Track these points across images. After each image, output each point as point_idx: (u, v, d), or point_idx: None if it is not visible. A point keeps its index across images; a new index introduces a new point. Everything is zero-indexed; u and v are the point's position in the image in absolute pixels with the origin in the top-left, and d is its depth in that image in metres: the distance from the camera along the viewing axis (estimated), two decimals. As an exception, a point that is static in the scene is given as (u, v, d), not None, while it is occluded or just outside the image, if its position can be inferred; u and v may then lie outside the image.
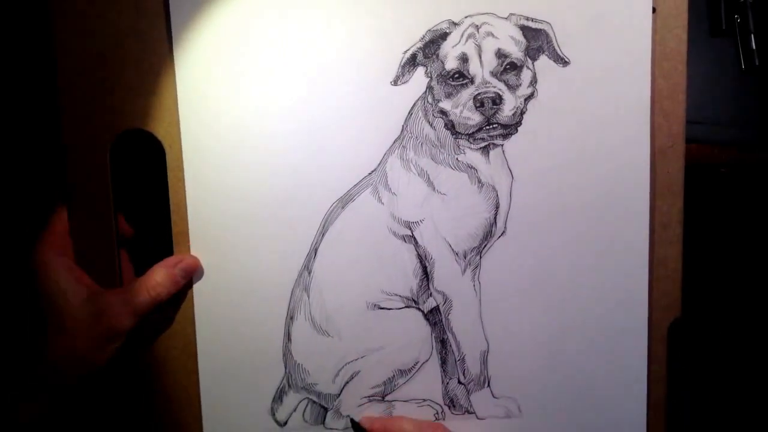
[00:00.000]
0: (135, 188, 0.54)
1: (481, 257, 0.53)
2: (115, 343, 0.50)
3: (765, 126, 0.61)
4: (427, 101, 0.52)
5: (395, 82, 0.51)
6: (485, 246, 0.53)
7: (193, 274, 0.53)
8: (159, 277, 0.51)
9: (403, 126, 0.52)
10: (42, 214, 0.51)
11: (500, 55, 0.51)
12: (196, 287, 0.53)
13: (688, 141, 0.53)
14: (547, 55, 0.51)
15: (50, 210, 0.52)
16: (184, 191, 0.52)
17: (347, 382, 0.55)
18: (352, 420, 0.54)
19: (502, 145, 0.52)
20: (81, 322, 0.49)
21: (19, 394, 0.49)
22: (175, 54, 0.51)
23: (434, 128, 0.52)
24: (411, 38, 0.51)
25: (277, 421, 0.55)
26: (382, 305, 0.54)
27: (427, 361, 0.55)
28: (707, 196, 0.61)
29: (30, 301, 0.49)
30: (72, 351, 0.49)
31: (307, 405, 0.55)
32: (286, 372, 0.54)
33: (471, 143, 0.52)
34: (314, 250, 0.53)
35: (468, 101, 0.51)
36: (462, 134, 0.52)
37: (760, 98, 0.61)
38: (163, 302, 0.51)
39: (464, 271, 0.53)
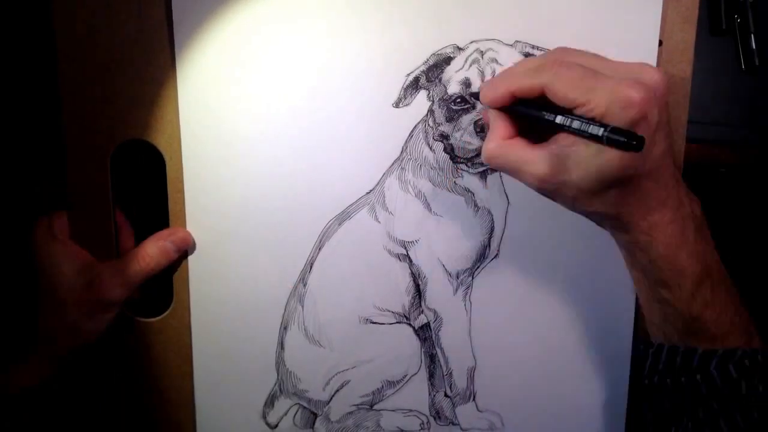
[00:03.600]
0: (135, 198, 0.54)
1: (473, 278, 0.54)
2: (107, 313, 0.52)
3: (765, 126, 0.62)
4: (428, 124, 0.52)
5: (397, 104, 0.51)
6: (478, 267, 0.54)
7: (185, 247, 0.53)
8: (150, 249, 0.52)
9: (402, 148, 0.52)
10: (42, 204, 0.52)
11: (503, 81, 0.51)
12: (194, 293, 0.54)
13: (688, 141, 0.53)
14: (550, 83, 0.51)
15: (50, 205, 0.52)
16: (183, 202, 0.53)
17: (337, 391, 0.56)
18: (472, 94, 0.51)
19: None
20: (73, 292, 0.50)
21: (9, 363, 0.50)
22: (177, 65, 0.51)
23: (434, 151, 0.52)
24: (415, 61, 0.51)
25: (268, 424, 0.57)
26: (374, 320, 0.55)
27: (415, 374, 0.56)
28: (707, 196, 0.61)
29: (22, 270, 0.50)
30: (63, 320, 0.50)
31: (297, 410, 0.57)
32: (278, 378, 0.56)
33: (469, 167, 0.53)
34: (310, 264, 0.54)
35: (469, 126, 0.51)
36: (461, 158, 0.52)
37: (760, 98, 0.61)
38: (156, 273, 0.53)
39: (456, 290, 0.55)
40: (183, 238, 0.53)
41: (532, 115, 0.43)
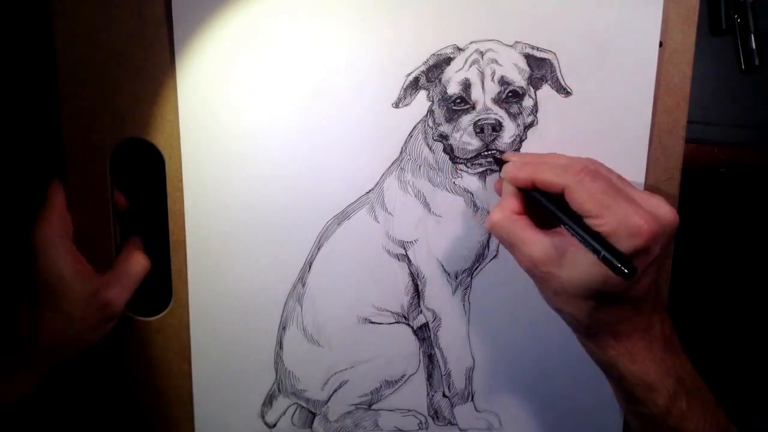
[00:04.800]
0: (133, 196, 0.54)
1: (472, 278, 0.54)
2: (111, 322, 0.52)
3: (765, 126, 0.61)
4: (428, 125, 0.52)
5: (397, 105, 0.51)
6: (477, 268, 0.54)
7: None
8: (138, 251, 0.54)
9: (402, 148, 0.52)
10: (40, 190, 0.52)
11: (503, 82, 0.51)
12: (193, 293, 0.54)
13: (688, 141, 0.53)
14: (549, 84, 0.51)
15: (47, 185, 0.52)
16: (183, 201, 0.53)
17: (335, 390, 0.56)
18: (493, 156, 0.52)
19: (499, 171, 0.52)
20: (77, 304, 0.50)
21: (6, 371, 0.49)
22: (177, 64, 0.50)
23: (433, 151, 0.52)
24: (415, 61, 0.51)
25: (266, 424, 0.57)
26: (373, 320, 0.55)
27: (414, 374, 0.56)
28: (707, 197, 0.61)
29: (25, 278, 0.50)
30: (65, 332, 0.50)
31: (295, 409, 0.57)
32: (276, 378, 0.56)
33: (469, 168, 0.52)
34: (309, 264, 0.54)
35: (468, 127, 0.51)
36: (460, 159, 0.52)
37: (760, 98, 0.61)
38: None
39: (455, 291, 0.55)
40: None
41: (546, 206, 0.45)
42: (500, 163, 0.49)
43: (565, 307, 0.45)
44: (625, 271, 0.39)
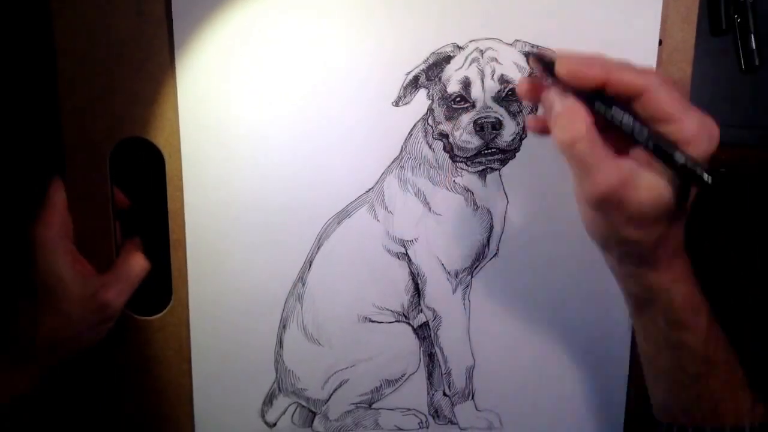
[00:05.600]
0: (133, 195, 0.54)
1: (472, 277, 0.54)
2: (110, 322, 0.52)
3: (765, 126, 0.62)
4: (428, 123, 0.52)
5: (397, 103, 0.51)
6: (477, 266, 0.54)
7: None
8: (136, 252, 0.53)
9: (402, 146, 0.52)
10: (40, 189, 0.51)
11: (503, 80, 0.51)
12: (193, 292, 0.54)
13: None
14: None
15: (47, 184, 0.51)
16: (182, 200, 0.52)
17: (336, 389, 0.56)
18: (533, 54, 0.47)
19: (499, 170, 0.53)
20: (75, 305, 0.50)
21: (2, 371, 0.49)
22: (176, 63, 0.50)
23: (433, 150, 0.52)
24: (414, 60, 0.51)
25: (266, 423, 0.57)
26: (373, 318, 0.55)
27: (414, 373, 0.56)
28: (706, 197, 0.61)
29: (25, 278, 0.50)
30: (63, 332, 0.50)
31: (296, 408, 0.57)
32: (277, 377, 0.56)
33: (469, 166, 0.52)
34: (309, 262, 0.54)
35: (468, 125, 0.51)
36: (460, 157, 0.52)
37: (760, 98, 0.61)
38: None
39: (455, 289, 0.55)
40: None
41: (616, 117, 0.39)
42: (544, 62, 0.42)
43: (634, 234, 0.40)
44: (707, 179, 0.37)
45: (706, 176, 0.37)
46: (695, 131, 0.39)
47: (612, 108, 0.39)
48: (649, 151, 0.39)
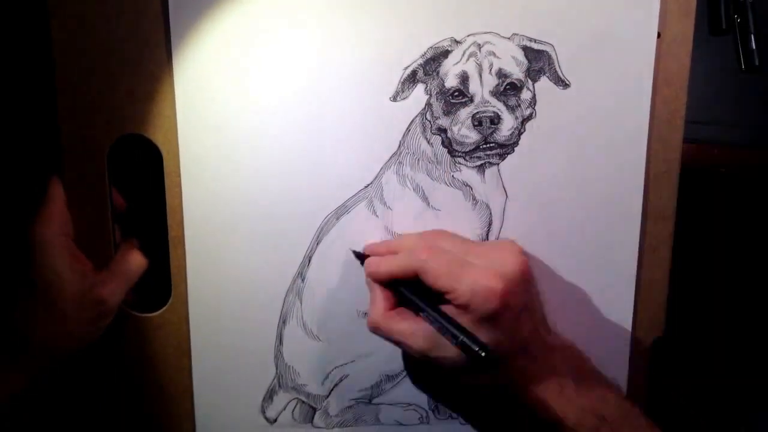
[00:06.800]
0: (132, 193, 0.54)
1: (471, 272, 0.54)
2: (106, 320, 0.52)
3: (765, 126, 0.61)
4: (426, 118, 0.52)
5: (394, 98, 0.51)
6: (476, 261, 0.54)
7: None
8: (136, 250, 0.53)
9: (400, 141, 0.52)
10: (39, 187, 0.51)
11: (501, 75, 0.51)
12: (192, 289, 0.54)
13: (688, 141, 0.53)
14: (547, 76, 0.51)
15: (46, 182, 0.51)
16: (181, 196, 0.52)
17: (336, 385, 0.56)
18: (354, 252, 0.53)
19: (498, 164, 0.52)
20: (74, 302, 0.49)
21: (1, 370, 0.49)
22: (173, 59, 0.50)
23: (431, 145, 0.52)
24: (412, 54, 0.51)
25: (267, 419, 0.57)
26: (373, 314, 0.55)
27: (414, 368, 0.56)
28: (707, 197, 0.61)
29: (24, 276, 0.50)
30: (62, 331, 0.50)
31: (296, 404, 0.57)
32: (277, 373, 0.56)
33: (467, 161, 0.52)
34: (308, 258, 0.54)
35: (466, 120, 0.51)
36: (459, 152, 0.52)
37: (760, 98, 0.61)
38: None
39: (454, 284, 0.54)
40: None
41: (408, 297, 0.47)
42: (362, 258, 0.51)
43: (473, 381, 0.46)
44: (482, 354, 0.41)
45: (478, 351, 0.42)
46: (467, 298, 0.44)
47: (408, 291, 0.47)
48: (439, 329, 0.44)
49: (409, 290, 0.47)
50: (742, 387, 0.62)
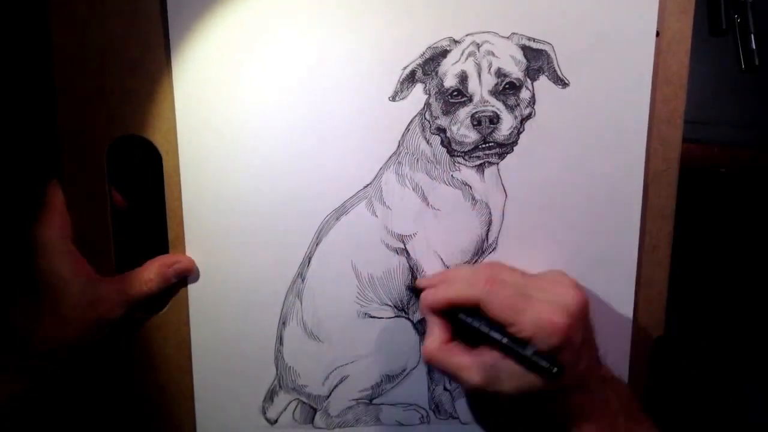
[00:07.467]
0: (131, 193, 0.54)
1: (471, 271, 0.54)
2: (105, 329, 0.51)
3: (765, 126, 0.61)
4: (425, 118, 0.52)
5: (394, 98, 0.51)
6: (476, 260, 0.54)
7: (186, 275, 0.54)
8: (152, 274, 0.52)
9: (399, 141, 0.52)
10: (38, 189, 0.51)
11: (500, 74, 0.51)
12: (192, 290, 0.54)
13: (688, 141, 0.53)
14: (546, 75, 0.51)
15: (45, 184, 0.51)
16: (180, 198, 0.52)
17: (336, 385, 0.56)
18: (407, 286, 0.54)
19: (497, 164, 0.52)
20: (75, 309, 0.50)
21: (2, 371, 0.49)
22: (172, 60, 0.50)
23: (431, 145, 0.52)
24: (411, 54, 0.51)
25: (267, 420, 0.57)
26: (373, 314, 0.55)
27: (414, 368, 0.56)
28: (706, 197, 0.61)
29: (25, 279, 0.50)
30: (63, 335, 0.50)
31: (297, 405, 0.57)
32: (277, 373, 0.56)
33: (467, 161, 0.52)
34: (308, 259, 0.54)
35: (465, 119, 0.51)
36: (458, 151, 0.52)
37: (760, 98, 0.61)
38: (154, 294, 0.52)
39: (454, 284, 0.54)
40: (186, 267, 0.53)
41: (469, 324, 0.46)
42: (418, 293, 0.51)
43: (525, 416, 0.46)
44: (553, 370, 0.42)
45: (549, 367, 0.42)
46: (531, 332, 0.43)
47: (470, 318, 0.46)
48: (502, 351, 0.44)
49: (468, 317, 0.47)
50: (742, 387, 0.62)
